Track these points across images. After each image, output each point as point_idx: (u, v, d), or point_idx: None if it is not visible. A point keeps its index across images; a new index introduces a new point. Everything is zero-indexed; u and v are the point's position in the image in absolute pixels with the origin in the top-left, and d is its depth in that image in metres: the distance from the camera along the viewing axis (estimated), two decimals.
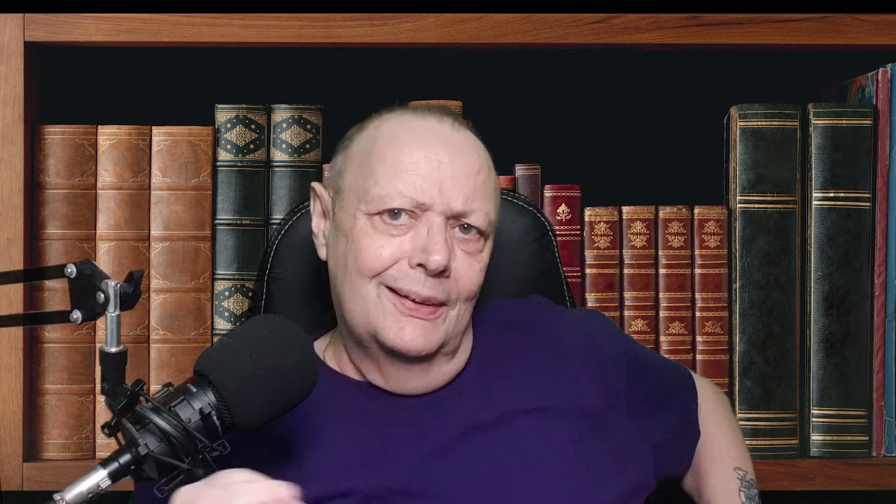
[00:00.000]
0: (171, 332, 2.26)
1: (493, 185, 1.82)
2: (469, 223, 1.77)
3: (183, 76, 2.48)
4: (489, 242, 1.81)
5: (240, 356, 1.56)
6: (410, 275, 1.75)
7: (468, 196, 1.76)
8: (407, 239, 1.75)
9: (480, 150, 1.82)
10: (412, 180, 1.75)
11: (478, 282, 1.79)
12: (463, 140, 1.81)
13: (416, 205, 1.75)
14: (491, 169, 1.82)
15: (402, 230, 1.76)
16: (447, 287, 1.76)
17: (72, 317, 1.53)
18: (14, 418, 2.20)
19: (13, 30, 2.20)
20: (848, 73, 2.38)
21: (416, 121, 1.82)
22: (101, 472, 1.48)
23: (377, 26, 2.23)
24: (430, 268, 1.73)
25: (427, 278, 1.74)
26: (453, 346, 1.80)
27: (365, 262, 1.75)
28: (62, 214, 2.24)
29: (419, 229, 1.75)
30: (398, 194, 1.75)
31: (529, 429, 1.77)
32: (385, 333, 1.75)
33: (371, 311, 1.76)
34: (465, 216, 1.77)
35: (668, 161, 2.53)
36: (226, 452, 1.54)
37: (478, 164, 1.79)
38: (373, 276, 1.75)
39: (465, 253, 1.77)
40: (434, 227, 1.75)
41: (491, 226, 1.80)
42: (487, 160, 1.82)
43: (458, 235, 1.77)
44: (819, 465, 2.26)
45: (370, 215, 1.76)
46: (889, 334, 2.26)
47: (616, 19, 2.24)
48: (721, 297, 2.28)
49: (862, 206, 2.26)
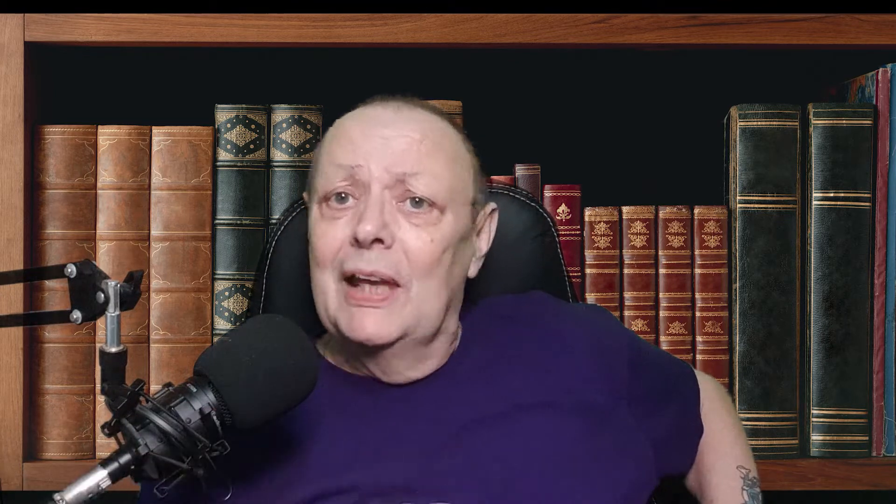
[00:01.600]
0: (171, 332, 2.26)
1: (447, 154, 1.77)
2: (414, 191, 1.73)
3: (183, 76, 2.48)
4: (449, 216, 1.75)
5: (240, 356, 1.56)
6: (353, 253, 1.72)
7: (407, 160, 1.73)
8: (348, 218, 1.74)
9: (427, 124, 1.78)
10: (346, 151, 1.75)
11: (431, 254, 1.73)
12: (404, 117, 1.78)
13: (352, 174, 1.73)
14: (444, 140, 1.77)
15: (345, 212, 1.74)
16: (393, 260, 1.72)
17: (72, 317, 1.53)
18: (14, 418, 2.20)
19: (13, 30, 2.20)
20: (848, 73, 2.38)
21: (360, 110, 1.81)
22: (101, 472, 1.48)
23: (377, 26, 2.23)
24: (360, 237, 1.70)
25: (365, 251, 1.71)
26: (424, 331, 1.76)
27: (316, 252, 1.75)
28: (62, 214, 2.24)
29: (360, 206, 1.74)
30: (334, 167, 1.74)
31: (532, 423, 1.77)
32: (342, 325, 1.74)
33: (329, 304, 1.76)
34: (406, 180, 1.73)
35: (668, 161, 2.53)
36: (226, 452, 1.54)
37: (419, 133, 1.75)
38: (327, 267, 1.74)
39: (413, 225, 1.73)
40: (370, 199, 1.72)
41: (444, 194, 1.74)
42: (439, 132, 1.78)
43: (408, 209, 1.74)
44: (819, 465, 2.26)
45: (319, 204, 1.76)
46: (889, 334, 2.26)
47: (616, 19, 2.24)
48: (721, 297, 2.28)
49: (862, 206, 2.26)
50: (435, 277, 1.75)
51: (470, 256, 1.82)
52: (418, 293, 1.74)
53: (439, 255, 1.74)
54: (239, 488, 1.68)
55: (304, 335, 1.61)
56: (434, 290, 1.75)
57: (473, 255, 1.83)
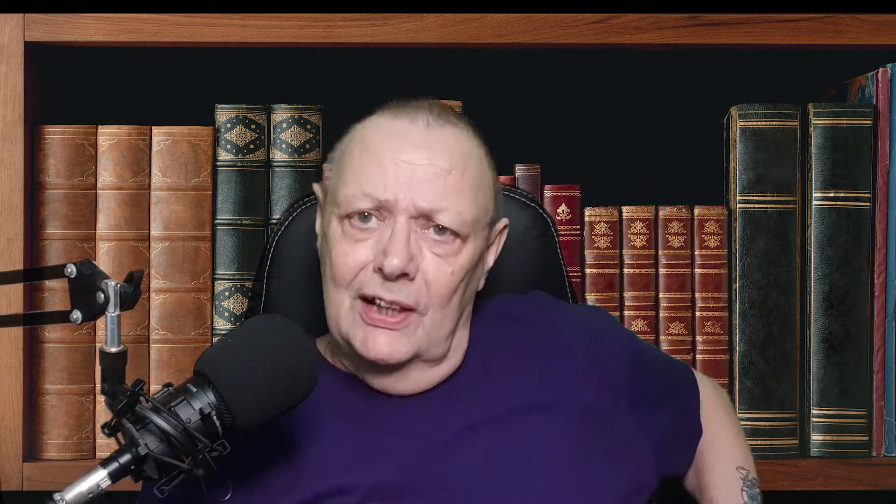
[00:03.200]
0: (171, 332, 2.26)
1: (472, 184, 1.76)
2: (439, 223, 1.73)
3: (183, 76, 2.48)
4: (469, 245, 1.75)
5: (240, 356, 1.56)
6: (374, 280, 1.72)
7: (435, 195, 1.72)
8: (372, 242, 1.73)
9: (458, 147, 1.76)
10: (376, 181, 1.73)
11: (450, 286, 1.74)
12: (435, 138, 1.76)
13: (380, 204, 1.72)
14: (469, 167, 1.76)
15: (369, 234, 1.73)
16: (413, 290, 1.72)
17: (72, 317, 1.53)
18: (14, 418, 2.20)
19: (13, 30, 2.20)
20: (848, 73, 2.38)
21: (388, 122, 1.78)
22: (101, 472, 1.48)
23: (377, 26, 2.22)
24: (386, 271, 1.70)
25: (389, 283, 1.71)
26: (435, 353, 1.77)
27: (336, 270, 1.74)
28: (62, 214, 2.24)
29: (384, 232, 1.73)
30: (362, 195, 1.73)
31: (531, 426, 1.76)
32: (353, 342, 1.74)
33: (342, 319, 1.75)
34: (432, 216, 1.72)
35: (668, 161, 2.53)
36: (226, 452, 1.54)
37: (449, 162, 1.74)
38: (344, 286, 1.74)
39: (435, 255, 1.73)
40: (396, 227, 1.72)
41: (468, 226, 1.74)
42: (466, 158, 1.76)
43: (431, 237, 1.73)
44: (819, 465, 2.26)
45: (340, 219, 1.75)
46: (889, 334, 2.26)
47: (616, 19, 2.24)
48: (721, 297, 2.28)
49: (862, 206, 2.26)
50: (450, 306, 1.76)
51: (481, 275, 1.83)
52: (432, 320, 1.75)
53: (457, 284, 1.75)
54: (239, 488, 1.68)
55: (304, 335, 1.61)
56: (447, 318, 1.76)
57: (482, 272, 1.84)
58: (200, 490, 1.54)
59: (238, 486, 1.68)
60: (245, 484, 1.71)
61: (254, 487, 1.72)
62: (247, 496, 1.71)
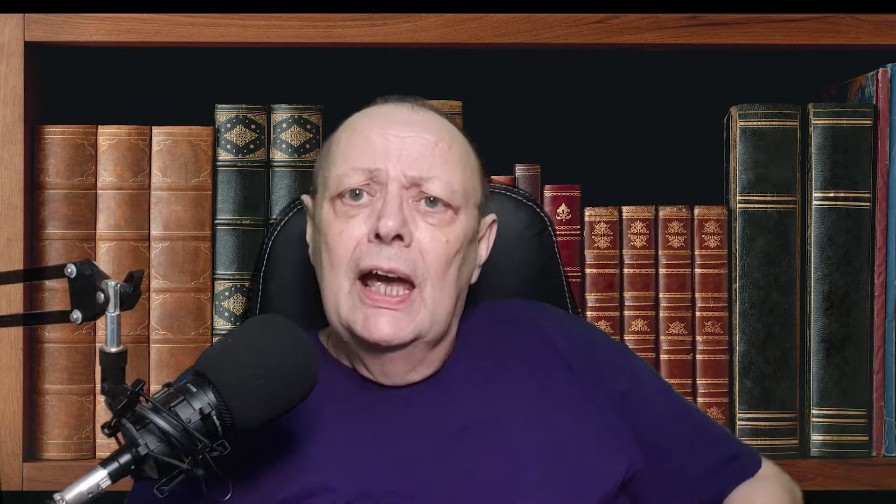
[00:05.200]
0: (171, 332, 2.26)
1: (459, 159, 1.78)
2: (430, 192, 1.75)
3: (183, 76, 2.48)
4: (461, 217, 1.77)
5: (240, 356, 1.56)
6: (371, 250, 1.73)
7: (423, 163, 1.75)
8: (365, 215, 1.74)
9: (442, 125, 1.80)
10: (364, 153, 1.75)
11: (446, 254, 1.75)
12: (420, 117, 1.80)
13: (371, 176, 1.74)
14: (455, 143, 1.79)
15: (361, 209, 1.75)
16: (410, 258, 1.73)
17: (72, 317, 1.53)
18: (14, 418, 2.20)
19: (13, 30, 2.20)
20: (848, 73, 2.38)
21: (374, 108, 1.83)
22: (101, 472, 1.48)
23: (377, 26, 2.23)
24: (382, 232, 1.71)
25: (385, 248, 1.72)
26: (436, 333, 1.77)
27: (332, 250, 1.75)
28: (62, 214, 2.24)
29: (376, 203, 1.75)
30: (352, 170, 1.75)
31: (521, 429, 1.76)
32: (355, 326, 1.74)
33: (342, 304, 1.75)
34: (422, 184, 1.74)
35: (668, 161, 2.53)
36: (226, 452, 1.54)
37: (434, 135, 1.77)
38: (343, 267, 1.74)
39: (429, 225, 1.75)
40: (388, 195, 1.73)
41: (458, 196, 1.76)
42: (451, 135, 1.80)
43: (423, 208, 1.75)
44: (819, 465, 2.26)
45: (332, 200, 1.76)
46: (889, 334, 2.26)
47: (616, 19, 2.24)
48: (721, 297, 2.28)
49: (862, 206, 2.26)
50: (447, 278, 1.76)
51: (474, 260, 1.83)
52: (432, 295, 1.75)
53: (453, 255, 1.76)
54: (237, 487, 1.68)
55: (303, 335, 1.62)
56: (446, 292, 1.76)
57: (476, 261, 1.84)
58: (200, 490, 1.54)
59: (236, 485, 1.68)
60: (243, 482, 1.71)
61: (251, 485, 1.72)
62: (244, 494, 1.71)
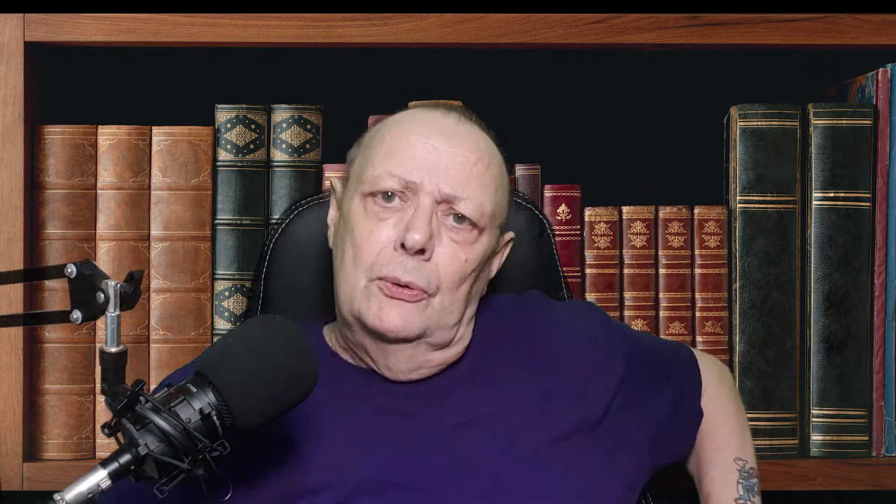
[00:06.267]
0: (171, 332, 2.26)
1: (494, 180, 1.81)
2: (460, 211, 1.77)
3: (183, 76, 2.48)
4: (484, 238, 1.79)
5: (240, 356, 1.57)
6: (394, 259, 1.74)
7: (460, 182, 1.76)
8: (394, 221, 1.76)
9: (484, 144, 1.82)
10: (404, 161, 1.77)
11: (460, 272, 1.77)
12: (465, 131, 1.81)
13: (406, 185, 1.76)
14: (493, 164, 1.81)
15: (391, 213, 1.76)
16: (427, 273, 1.75)
17: (72, 317, 1.53)
18: (14, 418, 2.20)
19: (13, 30, 2.20)
20: (848, 73, 2.38)
21: (422, 112, 1.85)
22: (101, 472, 1.48)
23: (377, 26, 2.23)
24: (408, 245, 1.73)
25: (407, 259, 1.74)
26: (441, 338, 1.79)
27: (358, 250, 1.76)
28: (62, 214, 2.24)
29: (406, 210, 1.76)
30: (389, 174, 1.77)
31: (523, 425, 1.77)
32: (366, 315, 1.76)
33: (357, 297, 1.77)
34: (454, 202, 1.76)
35: (668, 161, 2.53)
36: (226, 452, 1.54)
37: (476, 154, 1.79)
38: (364, 267, 1.76)
39: (452, 241, 1.77)
40: (420, 207, 1.75)
41: (486, 219, 1.79)
42: (491, 155, 1.82)
43: (450, 224, 1.77)
44: (819, 465, 2.26)
45: (364, 196, 1.78)
46: (889, 334, 2.26)
47: (616, 19, 2.24)
48: (721, 297, 2.28)
49: (862, 206, 2.26)
50: (459, 293, 1.78)
51: (489, 275, 1.86)
52: (440, 302, 1.77)
53: (468, 273, 1.78)
54: (237, 486, 1.68)
55: (303, 335, 1.62)
56: (455, 305, 1.79)
57: (488, 276, 1.86)
58: (201, 490, 1.54)
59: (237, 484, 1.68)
60: (243, 481, 1.71)
61: (251, 483, 1.72)
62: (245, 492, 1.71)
